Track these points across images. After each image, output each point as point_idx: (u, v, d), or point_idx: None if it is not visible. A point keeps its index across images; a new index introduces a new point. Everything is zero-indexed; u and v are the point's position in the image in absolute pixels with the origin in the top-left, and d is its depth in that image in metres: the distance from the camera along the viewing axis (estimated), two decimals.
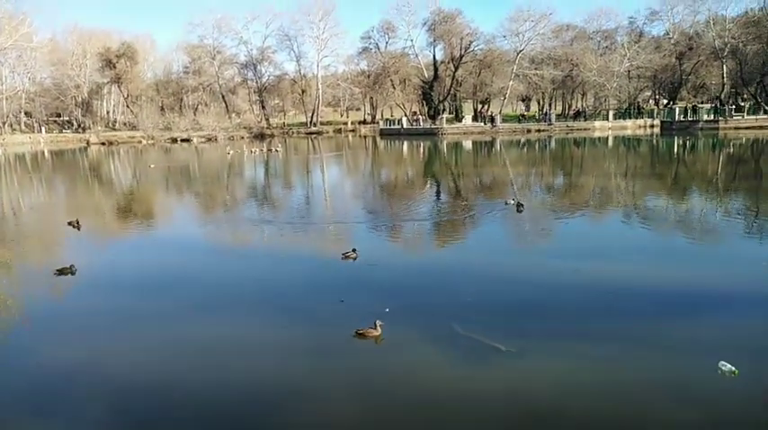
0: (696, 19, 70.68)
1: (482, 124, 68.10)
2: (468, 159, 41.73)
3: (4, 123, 73.82)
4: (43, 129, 76.49)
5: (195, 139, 70.57)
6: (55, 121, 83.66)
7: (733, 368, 6.41)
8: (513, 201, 17.70)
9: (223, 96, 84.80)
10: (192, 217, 19.87)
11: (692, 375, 6.61)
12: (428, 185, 26.68)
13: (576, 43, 76.53)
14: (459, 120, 73.63)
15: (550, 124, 63.03)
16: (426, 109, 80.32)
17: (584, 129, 60.45)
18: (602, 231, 15.18)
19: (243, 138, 72.53)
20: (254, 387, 6.69)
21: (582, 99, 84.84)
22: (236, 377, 6.90)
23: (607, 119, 62.82)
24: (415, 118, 74.60)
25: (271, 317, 8.89)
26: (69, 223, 16.33)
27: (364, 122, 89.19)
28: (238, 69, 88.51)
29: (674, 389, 6.32)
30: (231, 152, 48.11)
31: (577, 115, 69.51)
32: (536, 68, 74.26)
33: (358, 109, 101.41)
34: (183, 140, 70.60)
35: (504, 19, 76.30)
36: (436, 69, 79.07)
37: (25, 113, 79.40)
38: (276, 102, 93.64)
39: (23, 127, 78.22)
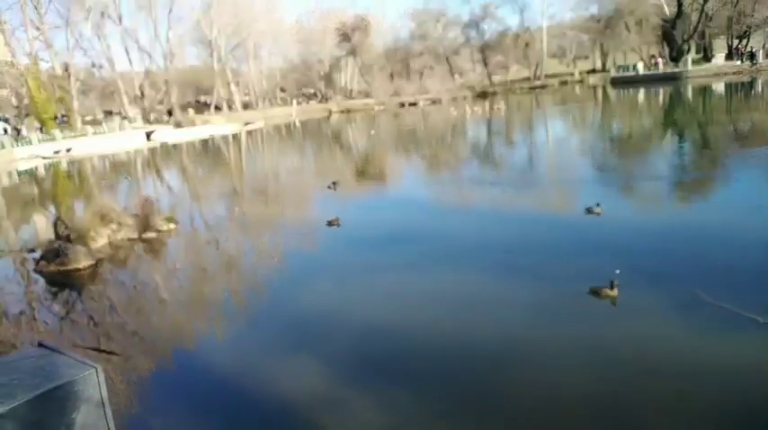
0: None
1: (738, 63, 58.31)
2: (719, 104, 36.28)
3: (265, 98, 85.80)
4: (294, 101, 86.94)
5: (421, 103, 73.51)
6: (303, 94, 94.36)
7: None
8: None
9: (447, 58, 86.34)
10: (421, 178, 21.07)
11: None
12: (668, 137, 24.10)
13: None
14: (709, 60, 64.00)
15: None
16: (667, 51, 71.40)
17: None
18: None
19: (465, 98, 73.30)
20: (475, 338, 7.03)
21: None
22: (462, 329, 7.31)
23: None
24: (653, 62, 66.96)
25: (497, 273, 9.16)
26: (328, 187, 18.40)
27: (593, 71, 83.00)
28: (461, 29, 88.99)
29: None
30: (455, 113, 49.12)
31: None
32: None
33: (586, 57, 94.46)
34: (410, 104, 74.10)
35: None
36: (680, 4, 69.32)
37: (280, 89, 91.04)
38: (499, 58, 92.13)
39: (279, 101, 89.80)
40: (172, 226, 14.72)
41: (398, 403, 5.85)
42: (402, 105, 74.55)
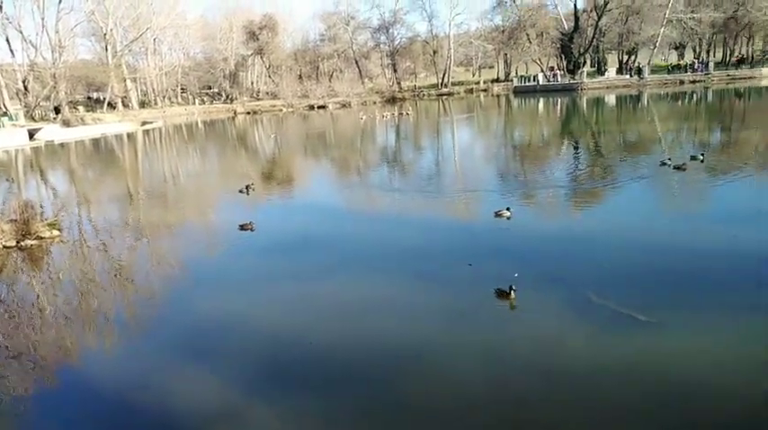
0: None
1: (627, 77, 62.99)
2: (610, 115, 38.96)
3: (164, 97, 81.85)
4: (197, 101, 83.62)
5: (330, 106, 73.17)
6: (206, 93, 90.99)
7: None
8: (669, 161, 16.34)
9: (356, 62, 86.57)
10: (329, 182, 20.84)
11: None
12: (565, 146, 25.43)
13: None
14: (602, 74, 68.62)
15: (707, 74, 56.64)
16: (565, 63, 75.77)
17: (749, 78, 53.58)
18: (763, 194, 13.55)
19: (375, 102, 73.82)
20: (381, 343, 7.05)
21: (748, 44, 74.94)
22: (367, 333, 7.32)
23: None
24: (552, 73, 70.79)
25: (401, 277, 9.21)
26: (240, 190, 17.54)
27: (497, 81, 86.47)
28: (371, 34, 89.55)
29: None
30: (364, 117, 49.26)
31: (740, 62, 61.67)
32: (692, 11, 66.62)
33: (491, 67, 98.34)
34: (319, 107, 73.54)
35: None
36: (577, 19, 73.84)
37: (181, 87, 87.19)
38: (408, 64, 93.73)
39: (180, 100, 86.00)
40: (55, 232, 13.52)
41: (304, 412, 5.72)
42: (311, 108, 73.83)
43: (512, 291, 7.75)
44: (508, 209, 12.13)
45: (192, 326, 8.05)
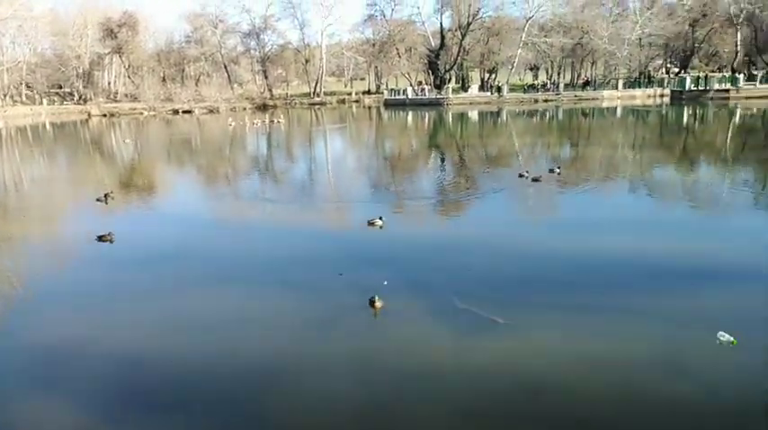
0: None
1: (489, 94, 67.26)
2: (474, 130, 41.31)
3: (5, 95, 73.43)
4: (44, 101, 76.01)
5: (197, 111, 70.14)
6: (57, 93, 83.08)
7: (731, 338, 6.41)
8: (527, 173, 17.49)
9: (225, 66, 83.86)
10: (196, 191, 19.85)
11: (691, 345, 6.62)
12: (432, 158, 26.46)
13: (587, 10, 74.73)
14: (466, 90, 72.67)
15: (558, 94, 62.19)
16: (432, 78, 79.26)
17: (593, 99, 59.62)
18: (610, 203, 15.02)
19: (245, 109, 72.02)
20: (246, 357, 6.76)
21: (591, 68, 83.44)
22: (234, 349, 6.96)
23: (616, 88, 61.88)
24: (420, 88, 73.73)
25: (270, 290, 8.94)
26: (98, 199, 16.09)
27: (368, 92, 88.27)
28: (241, 38, 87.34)
29: (673, 359, 6.32)
30: (233, 124, 47.80)
31: (586, 84, 68.47)
32: (545, 36, 72.90)
33: (362, 78, 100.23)
34: (184, 112, 70.19)
35: None
36: (443, 38, 77.69)
37: (26, 85, 78.87)
38: (279, 72, 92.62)
39: (24, 99, 77.76)
40: None
41: None
42: (175, 112, 70.21)
43: (378, 300, 7.78)
44: (381, 218, 12.27)
45: (35, 353, 7.14)
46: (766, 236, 10.72)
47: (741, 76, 58.07)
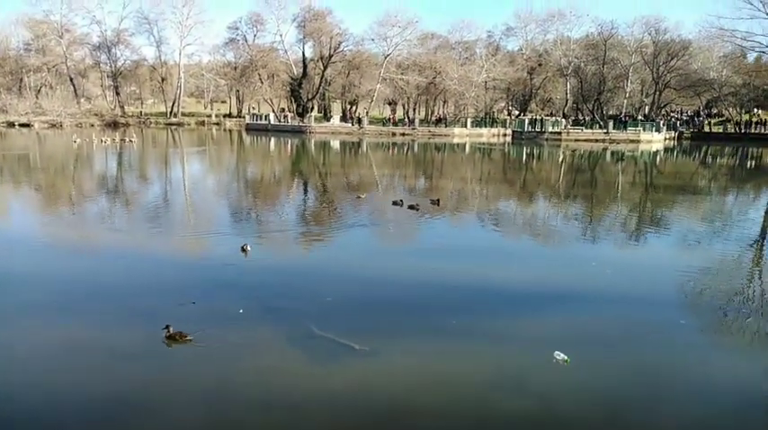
0: (546, 38, 77.70)
1: (350, 125, 68.94)
2: (337, 159, 42.05)
3: None
4: None
5: (37, 125, 63.66)
6: None
7: (566, 357, 7.18)
8: (401, 201, 18.12)
9: (71, 79, 77.31)
10: (31, 213, 17.99)
11: (530, 364, 7.25)
12: (297, 184, 26.52)
13: (439, 52, 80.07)
14: (328, 120, 73.80)
15: (414, 129, 65.48)
16: (295, 106, 79.56)
17: (445, 135, 63.55)
18: (460, 232, 16.08)
19: (93, 125, 66.77)
20: (76, 391, 6.39)
21: (444, 106, 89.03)
22: (64, 381, 6.55)
23: (465, 126, 66.57)
24: (283, 114, 73.61)
25: (114, 319, 8.36)
26: None
27: (230, 116, 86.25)
28: (90, 51, 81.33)
29: (514, 377, 6.91)
30: (78, 140, 44.08)
31: (439, 121, 72.85)
32: (402, 73, 76.65)
33: (223, 101, 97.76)
34: (21, 125, 63.37)
35: (372, 22, 77.60)
36: (305, 67, 78.58)
37: None
38: (133, 89, 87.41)
39: None
40: None
41: None
42: (11, 125, 63.17)
43: (171, 333, 7.50)
44: (243, 247, 12.02)
45: None
46: (592, 263, 12.23)
47: (570, 120, 65.73)
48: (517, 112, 78.89)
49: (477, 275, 10.98)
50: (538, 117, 68.98)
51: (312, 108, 76.99)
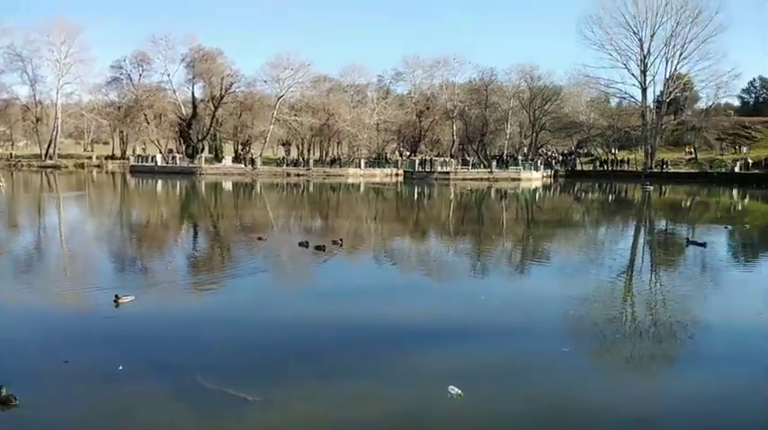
0: (432, 82, 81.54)
1: (243, 166, 67.78)
2: (230, 200, 41.03)
3: None
4: None
5: None
6: None
7: (459, 391, 7.35)
8: (307, 242, 17.59)
9: None
10: None
11: (426, 399, 7.31)
12: (185, 229, 25.47)
13: (332, 94, 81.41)
14: (220, 161, 72.06)
15: (309, 169, 65.65)
16: (184, 147, 76.99)
17: (340, 176, 64.22)
18: (356, 271, 16.18)
19: None
20: None
21: (338, 147, 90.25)
22: None
23: (359, 167, 67.74)
24: (171, 155, 70.91)
25: None
26: None
27: (113, 157, 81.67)
28: None
29: (412, 415, 6.96)
30: None
31: (333, 162, 73.68)
32: (295, 115, 76.97)
33: (106, 142, 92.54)
34: None
35: (265, 64, 77.37)
36: (195, 107, 76.62)
37: None
38: (2, 129, 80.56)
39: None
40: None
41: None
42: None
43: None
44: (126, 296, 11.25)
45: None
46: (481, 296, 12.75)
47: (457, 160, 69.10)
48: (408, 153, 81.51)
49: (372, 314, 11.06)
50: (427, 157, 71.76)
51: (203, 149, 74.88)
